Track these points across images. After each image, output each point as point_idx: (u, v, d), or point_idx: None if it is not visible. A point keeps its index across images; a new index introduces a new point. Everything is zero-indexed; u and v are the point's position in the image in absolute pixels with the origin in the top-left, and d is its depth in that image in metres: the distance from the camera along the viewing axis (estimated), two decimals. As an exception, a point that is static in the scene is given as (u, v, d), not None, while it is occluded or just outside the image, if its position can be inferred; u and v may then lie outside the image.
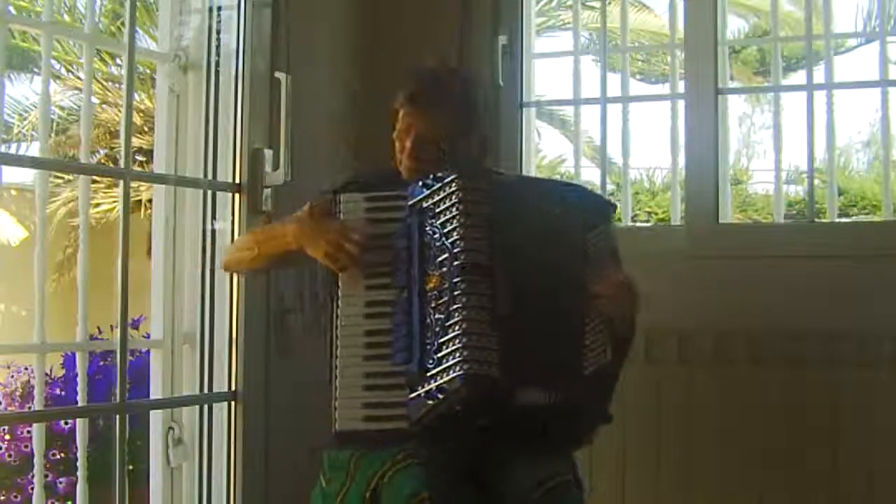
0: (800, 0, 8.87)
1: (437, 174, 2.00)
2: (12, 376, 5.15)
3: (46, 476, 3.84)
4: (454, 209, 1.95)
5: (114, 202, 7.39)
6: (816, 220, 3.36)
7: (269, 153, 2.69)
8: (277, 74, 2.70)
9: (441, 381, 1.88)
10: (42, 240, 2.53)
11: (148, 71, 6.76)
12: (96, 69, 7.75)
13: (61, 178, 7.66)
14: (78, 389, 2.54)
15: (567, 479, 2.00)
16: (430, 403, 1.88)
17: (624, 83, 3.36)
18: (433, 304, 1.93)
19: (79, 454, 2.53)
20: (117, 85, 8.02)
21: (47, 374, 4.09)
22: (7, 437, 4.62)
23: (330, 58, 3.12)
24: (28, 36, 7.63)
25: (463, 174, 1.98)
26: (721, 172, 3.03)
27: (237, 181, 2.69)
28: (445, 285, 1.92)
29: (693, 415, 2.85)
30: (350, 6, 3.22)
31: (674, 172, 3.41)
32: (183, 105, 2.76)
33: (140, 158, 6.32)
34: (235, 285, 2.66)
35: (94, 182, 6.69)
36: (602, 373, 2.01)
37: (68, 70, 8.58)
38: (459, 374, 1.86)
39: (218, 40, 2.76)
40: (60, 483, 4.40)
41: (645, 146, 14.54)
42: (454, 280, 1.91)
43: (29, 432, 4.20)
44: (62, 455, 4.41)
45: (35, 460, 2.53)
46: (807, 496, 2.75)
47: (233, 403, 2.67)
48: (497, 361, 1.88)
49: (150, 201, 2.92)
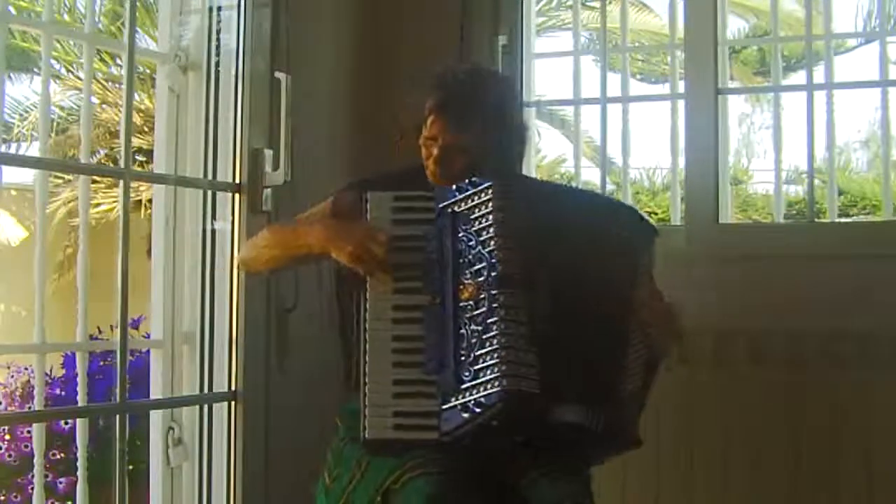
0: (800, 0, 8.86)
1: (473, 179, 1.93)
2: (12, 376, 5.14)
3: (46, 476, 3.82)
4: (490, 217, 1.88)
5: (114, 202, 7.37)
6: (816, 220, 3.36)
7: (269, 153, 2.69)
8: (277, 74, 2.70)
9: (478, 395, 1.82)
10: (42, 240, 2.54)
11: (148, 71, 6.75)
12: (96, 69, 7.74)
13: (61, 178, 7.65)
14: (78, 389, 2.55)
15: (588, 498, 1.97)
16: (466, 416, 1.83)
17: (624, 83, 3.36)
18: (469, 315, 1.86)
19: (79, 454, 2.53)
20: (117, 85, 8.00)
21: (47, 374, 4.09)
22: (7, 437, 4.61)
23: (330, 58, 3.12)
24: (28, 36, 7.61)
25: (499, 181, 1.92)
26: (721, 172, 3.03)
27: (237, 181, 2.69)
28: (482, 296, 1.85)
29: (693, 415, 2.85)
30: (350, 6, 3.22)
31: (674, 172, 3.41)
32: (183, 105, 2.76)
33: (140, 158, 6.31)
34: (235, 285, 2.66)
35: (94, 182, 6.69)
36: (636, 396, 2.00)
37: (68, 70, 8.57)
38: (498, 390, 1.80)
39: (218, 40, 2.76)
40: (60, 483, 4.39)
41: (645, 146, 14.56)
42: (492, 292, 1.84)
43: (29, 432, 4.19)
44: (62, 455, 4.40)
45: (35, 460, 2.53)
46: (807, 496, 2.75)
47: (233, 403, 2.67)
48: (536, 377, 1.82)
49: (150, 201, 2.92)
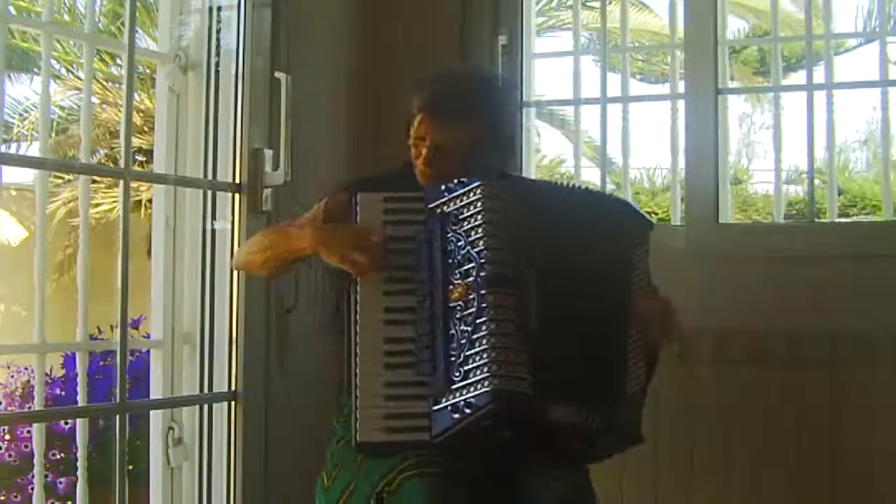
0: (800, 0, 8.87)
1: (461, 179, 1.92)
2: (12, 376, 5.14)
3: (46, 476, 3.83)
4: (479, 217, 1.87)
5: (114, 202, 7.38)
6: (816, 220, 3.36)
7: (269, 153, 2.69)
8: (277, 74, 2.70)
9: (468, 395, 1.81)
10: (42, 240, 2.54)
11: (148, 71, 6.75)
12: (96, 69, 7.75)
13: (61, 178, 7.66)
14: (78, 389, 2.54)
15: (589, 492, 1.97)
16: (457, 417, 1.82)
17: (624, 83, 3.35)
18: (458, 316, 1.85)
19: (79, 454, 2.53)
20: (117, 85, 8.01)
21: (47, 374, 4.09)
22: (7, 437, 4.61)
23: (330, 58, 3.12)
24: (28, 36, 7.63)
25: (488, 180, 1.91)
26: (721, 172, 3.02)
27: (237, 181, 2.69)
28: (471, 296, 1.84)
29: (693, 415, 2.84)
30: (350, 6, 3.22)
31: (674, 172, 3.40)
32: (183, 105, 2.76)
33: (140, 158, 6.31)
34: (235, 285, 2.66)
35: (94, 182, 6.69)
36: (635, 392, 1.99)
37: (68, 70, 8.58)
38: (488, 390, 1.79)
39: (218, 40, 2.76)
40: (60, 483, 4.39)
41: (645, 146, 14.58)
42: (481, 292, 1.83)
43: (29, 432, 4.19)
44: (62, 455, 4.40)
45: (35, 460, 2.52)
46: (807, 496, 2.75)
47: (233, 403, 2.67)
48: (527, 377, 1.80)
49: (150, 201, 2.92)
